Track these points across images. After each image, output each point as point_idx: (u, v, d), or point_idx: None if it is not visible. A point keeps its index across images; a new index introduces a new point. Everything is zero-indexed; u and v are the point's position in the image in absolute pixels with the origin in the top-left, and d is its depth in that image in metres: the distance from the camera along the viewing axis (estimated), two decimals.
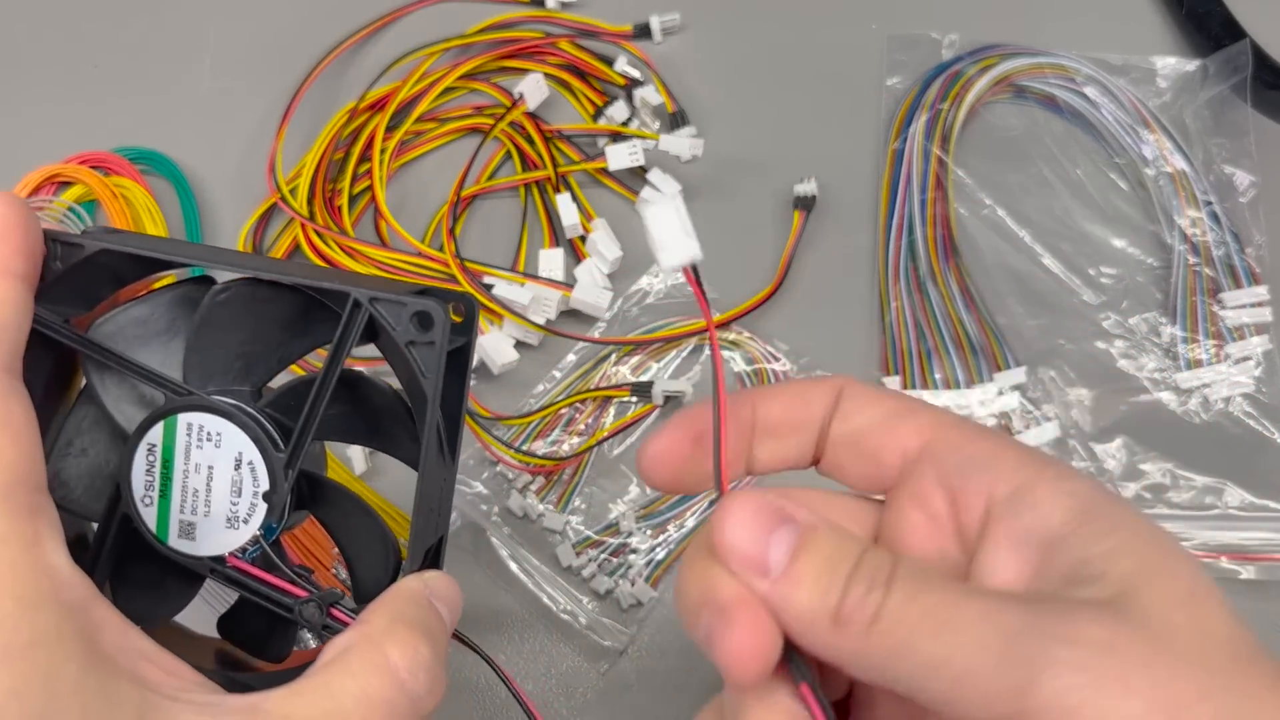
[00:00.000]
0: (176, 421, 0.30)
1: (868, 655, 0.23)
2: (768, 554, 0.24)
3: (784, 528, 0.24)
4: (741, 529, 0.24)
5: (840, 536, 0.24)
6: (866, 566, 0.23)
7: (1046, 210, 0.57)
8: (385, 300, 0.30)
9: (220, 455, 0.30)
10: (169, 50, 0.62)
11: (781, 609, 0.24)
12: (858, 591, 0.23)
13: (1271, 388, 0.52)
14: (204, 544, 0.30)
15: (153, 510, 0.30)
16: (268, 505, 0.30)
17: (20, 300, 0.27)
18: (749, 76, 0.61)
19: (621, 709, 0.46)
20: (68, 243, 0.30)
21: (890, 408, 0.28)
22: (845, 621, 0.23)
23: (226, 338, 0.31)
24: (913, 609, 0.22)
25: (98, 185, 0.55)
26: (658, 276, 0.54)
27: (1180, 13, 0.62)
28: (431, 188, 0.57)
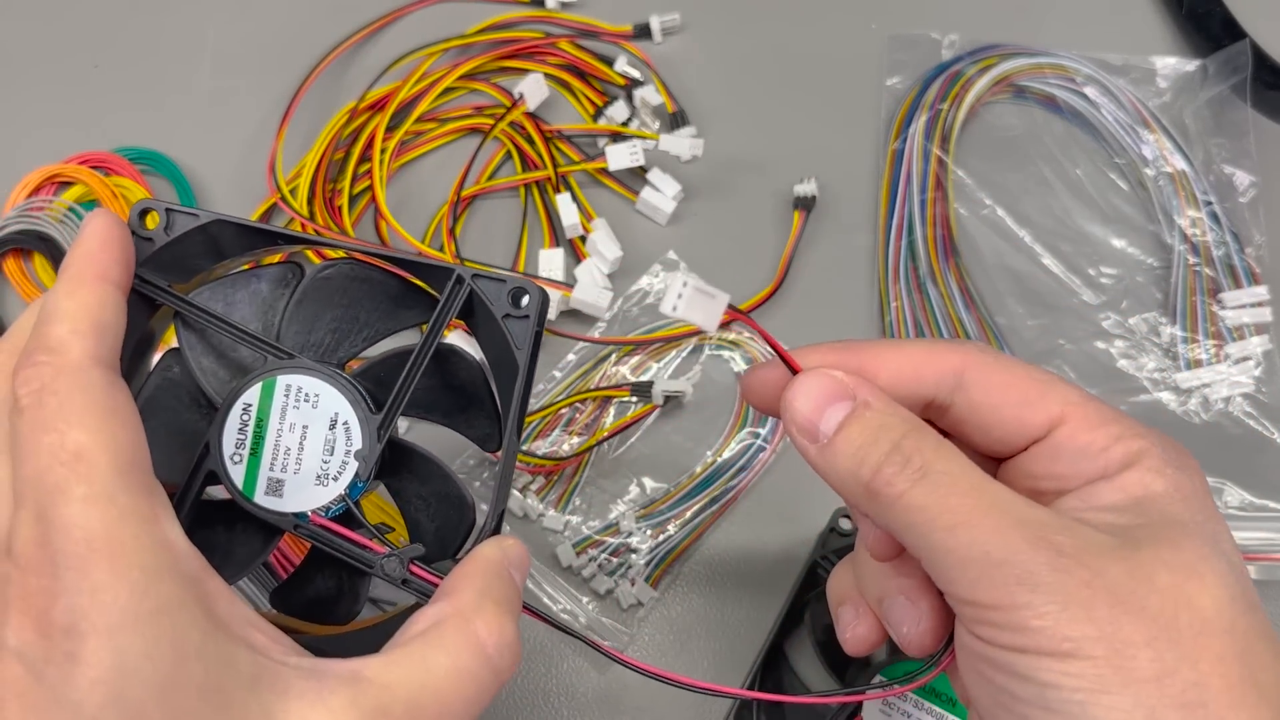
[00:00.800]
0: (276, 383, 0.31)
1: (889, 521, 0.28)
2: (819, 423, 0.28)
3: (840, 402, 0.28)
4: (803, 399, 0.29)
5: (889, 416, 0.28)
6: (905, 449, 0.27)
7: (1046, 210, 0.57)
8: (485, 277, 0.32)
9: (316, 415, 0.31)
10: (169, 50, 0.62)
11: (824, 472, 0.29)
12: (889, 471, 0.27)
13: (1271, 388, 0.52)
14: (290, 500, 0.31)
15: (241, 468, 0.31)
16: (359, 463, 0.31)
17: (119, 305, 0.29)
18: (749, 76, 0.62)
19: (621, 709, 0.46)
20: (183, 212, 0.32)
21: (1020, 393, 0.29)
22: (874, 494, 0.27)
23: (323, 312, 0.33)
24: (933, 502, 0.27)
25: (98, 185, 0.55)
26: (658, 276, 0.54)
27: (1180, 13, 0.62)
28: (431, 188, 0.57)
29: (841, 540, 0.45)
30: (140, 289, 0.31)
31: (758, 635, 0.46)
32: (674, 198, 0.56)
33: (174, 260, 0.32)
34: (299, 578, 0.34)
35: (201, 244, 0.33)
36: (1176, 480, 0.28)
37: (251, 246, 0.34)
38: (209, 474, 0.32)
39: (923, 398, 0.30)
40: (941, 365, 0.30)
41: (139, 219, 0.32)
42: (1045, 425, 0.29)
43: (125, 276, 0.30)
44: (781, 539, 0.49)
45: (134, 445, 0.27)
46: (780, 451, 0.50)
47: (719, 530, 0.49)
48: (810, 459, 0.29)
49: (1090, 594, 0.25)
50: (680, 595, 0.48)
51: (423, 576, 0.30)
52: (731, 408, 0.51)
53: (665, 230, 0.56)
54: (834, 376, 0.29)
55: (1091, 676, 0.24)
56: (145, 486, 0.26)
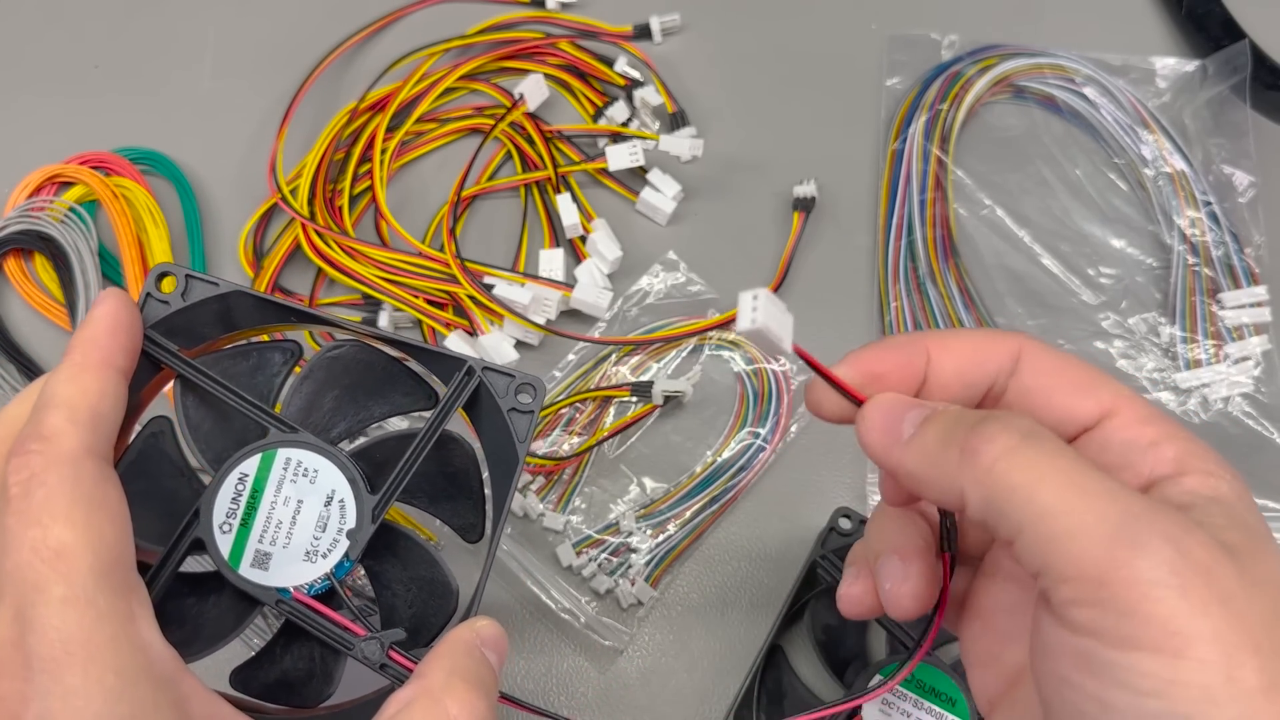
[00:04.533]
0: (276, 455, 0.31)
1: (990, 489, 0.25)
2: (901, 426, 0.28)
3: (917, 409, 0.28)
4: (878, 414, 0.28)
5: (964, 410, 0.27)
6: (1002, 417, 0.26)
7: (1046, 210, 0.57)
8: (495, 370, 0.33)
9: (313, 491, 0.31)
10: (169, 50, 0.62)
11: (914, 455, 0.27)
12: (987, 428, 0.25)
13: (1270, 388, 0.52)
14: (275, 575, 0.31)
15: (229, 538, 0.31)
16: (350, 542, 0.31)
17: (120, 394, 0.29)
18: (749, 77, 0.62)
19: (621, 709, 0.46)
20: (201, 280, 0.32)
21: (1072, 379, 0.29)
22: (972, 450, 0.25)
23: (326, 390, 0.34)
24: (1046, 460, 0.24)
25: (98, 185, 0.55)
26: (658, 277, 0.54)
27: (1180, 13, 0.62)
28: (432, 188, 0.57)
29: (841, 540, 0.45)
30: (149, 351, 0.31)
31: (758, 635, 0.46)
32: (674, 198, 0.56)
33: (185, 326, 0.33)
34: (266, 656, 0.33)
35: (215, 312, 0.33)
36: (1237, 489, 0.26)
37: (265, 321, 0.34)
38: (195, 541, 0.31)
39: (985, 382, 0.30)
40: (1001, 350, 0.29)
41: (156, 282, 0.32)
42: (1095, 414, 0.28)
43: (130, 361, 0.30)
44: (781, 539, 0.49)
45: (118, 542, 0.27)
46: (780, 451, 0.51)
47: (719, 530, 0.49)
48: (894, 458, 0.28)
49: (1208, 584, 0.22)
50: (680, 595, 0.48)
51: (400, 662, 0.30)
52: (731, 408, 0.51)
53: (665, 230, 0.57)
54: (907, 397, 0.29)
55: (1199, 686, 0.22)
56: (126, 585, 0.26)
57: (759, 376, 0.52)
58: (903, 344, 0.30)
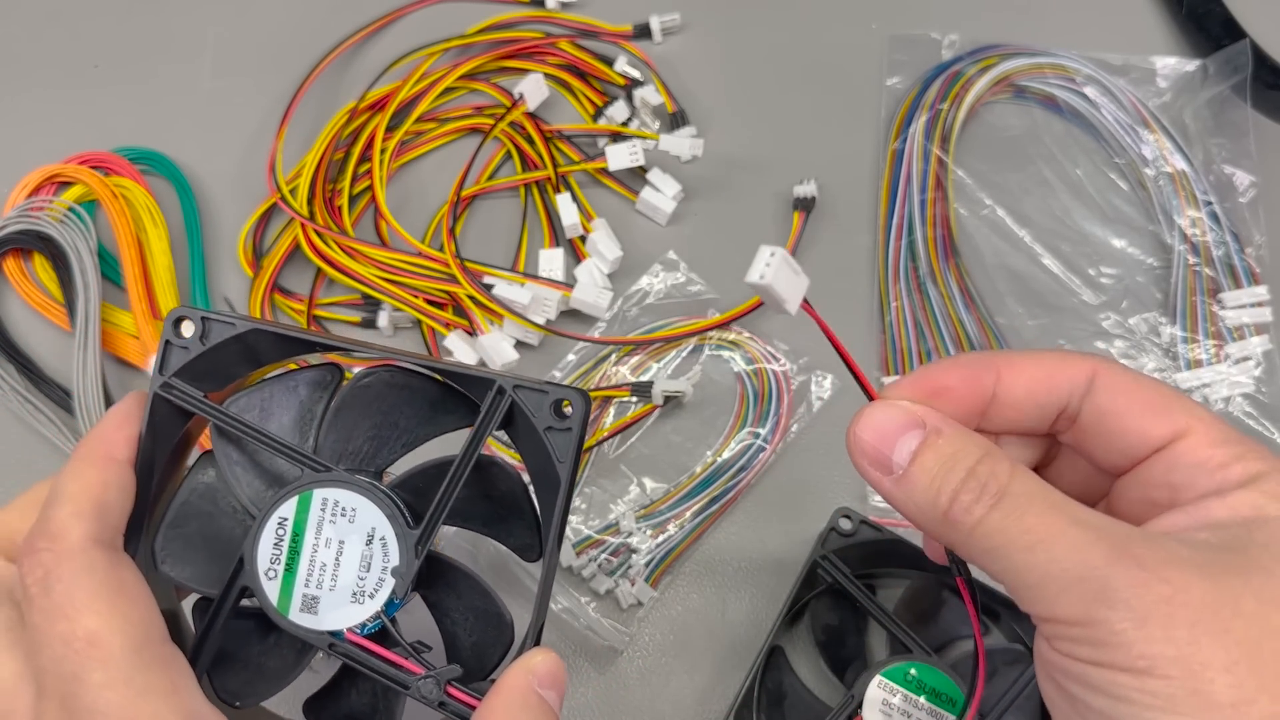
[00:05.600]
0: (312, 496, 0.31)
1: (969, 551, 0.27)
2: (892, 455, 0.28)
3: (911, 432, 0.28)
4: (871, 431, 0.28)
5: (962, 442, 0.28)
6: (980, 475, 0.27)
7: (1046, 210, 0.57)
8: (528, 388, 0.31)
9: (353, 530, 0.31)
10: (169, 50, 0.62)
11: (900, 504, 0.28)
12: (966, 499, 0.27)
13: (1271, 387, 0.52)
14: (326, 618, 0.30)
15: (276, 584, 0.30)
16: (396, 580, 0.30)
17: (124, 484, 0.30)
18: (749, 76, 0.61)
19: (621, 709, 0.46)
20: (218, 320, 0.31)
21: (1147, 400, 0.29)
22: (952, 523, 0.27)
23: (362, 420, 0.32)
24: (1011, 525, 0.26)
25: (98, 185, 0.55)
26: (658, 276, 0.54)
27: (1180, 13, 0.62)
28: (431, 188, 0.57)
29: (841, 540, 0.45)
30: (173, 399, 0.31)
31: (758, 635, 0.46)
32: (674, 198, 0.56)
33: (210, 368, 0.32)
34: (334, 690, 0.33)
35: (238, 352, 0.32)
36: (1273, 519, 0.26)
37: (287, 354, 0.33)
38: (243, 589, 0.31)
39: (1057, 404, 0.30)
40: (1075, 371, 0.29)
41: (174, 328, 0.32)
42: (1169, 435, 0.28)
43: (132, 452, 0.31)
44: (781, 539, 0.49)
45: (146, 621, 0.27)
46: (780, 451, 0.50)
47: (719, 530, 0.49)
48: (884, 491, 0.28)
49: (1169, 611, 0.24)
50: (680, 595, 0.48)
51: (459, 699, 0.29)
52: (732, 408, 0.51)
53: (665, 230, 0.56)
54: (901, 406, 0.29)
55: (1165, 696, 0.24)
56: (161, 659, 0.27)
57: (759, 376, 0.52)
58: (971, 361, 0.30)
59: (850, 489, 0.50)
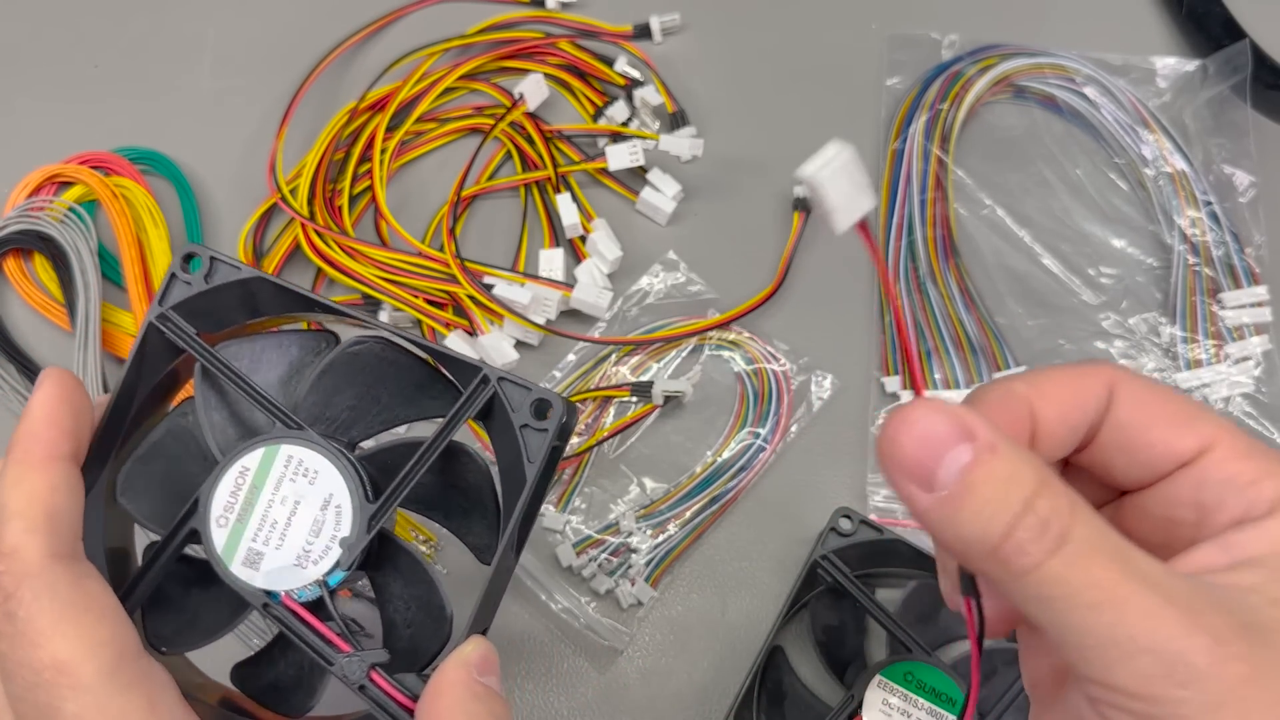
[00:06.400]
0: (278, 451, 0.30)
1: (1018, 592, 0.23)
2: (938, 470, 0.23)
3: (960, 445, 0.23)
4: (915, 439, 0.23)
5: (1020, 464, 0.23)
6: (1040, 511, 0.22)
7: (1046, 210, 0.57)
8: (512, 382, 0.31)
9: (311, 492, 0.30)
10: (169, 50, 0.62)
11: (941, 529, 0.23)
12: (1022, 536, 0.22)
13: (1271, 388, 0.52)
14: (265, 577, 0.30)
15: (224, 532, 0.30)
16: (342, 550, 0.30)
17: (71, 484, 0.28)
18: (749, 76, 0.61)
19: (621, 709, 0.46)
20: (225, 262, 0.31)
21: (1170, 413, 0.27)
22: (1003, 559, 0.23)
23: (345, 388, 0.32)
24: (1075, 575, 0.22)
25: (98, 185, 0.55)
26: (658, 276, 0.54)
27: (1180, 13, 0.62)
28: (432, 188, 0.57)
29: (841, 540, 0.45)
30: (168, 332, 0.31)
31: (758, 635, 0.46)
32: (674, 198, 0.56)
33: (208, 308, 0.32)
34: (264, 657, 0.33)
35: (238, 297, 0.32)
36: None
37: (286, 309, 0.33)
38: (192, 532, 0.30)
39: (1086, 423, 0.27)
40: (1095, 384, 0.27)
41: (182, 263, 0.32)
42: (1195, 448, 0.26)
43: (75, 445, 0.29)
44: (781, 539, 0.49)
45: (115, 638, 0.26)
46: (780, 451, 0.50)
47: (719, 530, 0.49)
48: (920, 509, 0.23)
49: (1244, 695, 0.21)
50: (680, 595, 0.48)
51: (381, 686, 0.29)
52: (732, 408, 0.51)
53: (665, 230, 0.56)
54: (949, 411, 0.23)
55: None
56: (136, 678, 0.26)
57: (759, 376, 0.52)
58: (1001, 399, 0.26)
59: (850, 489, 0.50)
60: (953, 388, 0.51)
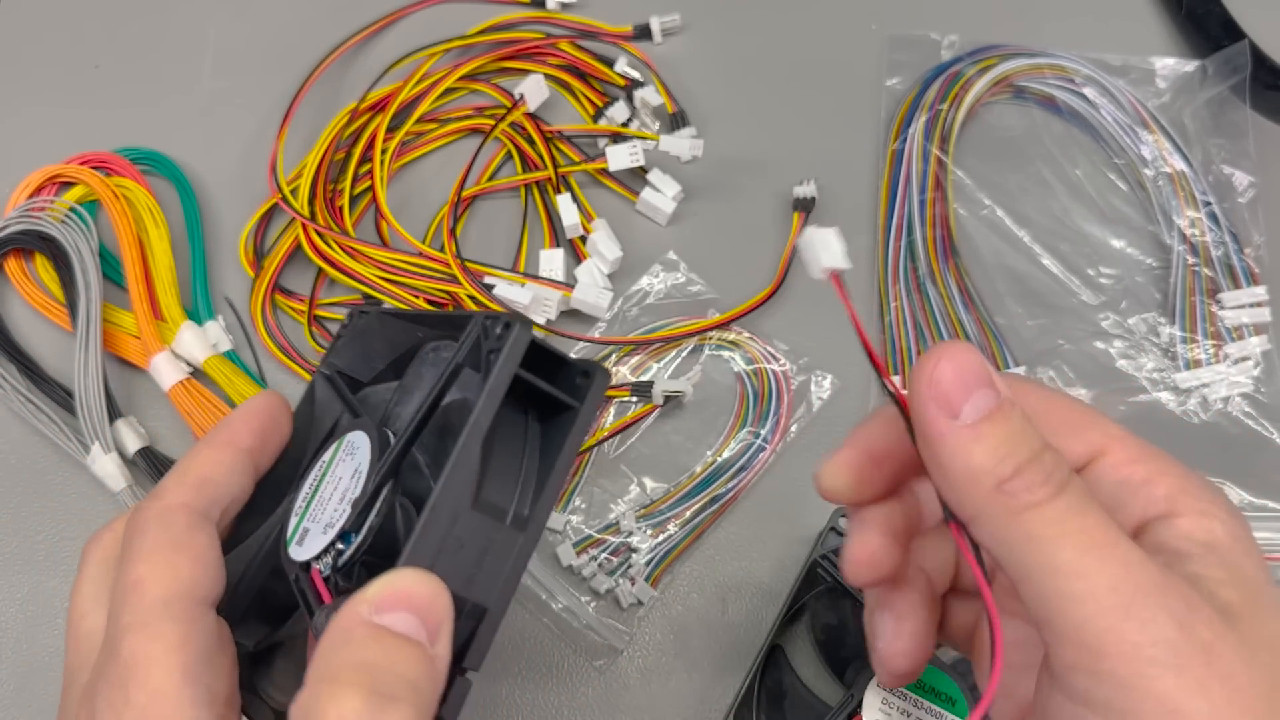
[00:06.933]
0: (345, 440, 0.32)
1: (1009, 530, 0.24)
2: (964, 402, 0.25)
3: (989, 389, 0.25)
4: (955, 370, 0.25)
5: (1029, 425, 0.25)
6: (1047, 461, 0.25)
7: (1045, 210, 0.57)
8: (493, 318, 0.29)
9: (351, 465, 0.31)
10: (169, 50, 0.62)
11: (954, 455, 0.25)
12: (1031, 475, 0.24)
13: (1270, 388, 0.52)
14: (306, 550, 0.30)
15: (295, 520, 0.31)
16: (351, 511, 0.28)
17: (234, 465, 0.32)
18: (749, 76, 0.62)
19: (621, 709, 0.46)
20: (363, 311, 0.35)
21: (1060, 420, 0.28)
22: (1008, 493, 0.24)
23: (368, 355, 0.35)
24: (1073, 518, 0.24)
25: (99, 185, 0.55)
26: (658, 277, 0.54)
27: (1179, 13, 0.63)
28: (432, 188, 0.57)
29: (841, 539, 0.45)
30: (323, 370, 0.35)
31: (758, 635, 0.46)
32: (674, 198, 0.56)
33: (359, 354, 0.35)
34: None
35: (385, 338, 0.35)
36: (1232, 528, 0.26)
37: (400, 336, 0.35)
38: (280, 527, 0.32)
39: None
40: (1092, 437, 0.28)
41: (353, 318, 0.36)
42: (1085, 454, 0.28)
43: (256, 443, 0.33)
44: (781, 539, 0.49)
45: (191, 579, 0.28)
46: (780, 451, 0.51)
47: (719, 530, 0.49)
48: (936, 433, 0.25)
49: (1207, 662, 0.22)
50: (680, 595, 0.48)
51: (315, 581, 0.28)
52: (731, 408, 0.52)
53: (665, 230, 0.57)
54: (982, 360, 0.26)
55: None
56: (187, 614, 0.28)
57: (759, 376, 0.52)
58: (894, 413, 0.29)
59: None
60: None
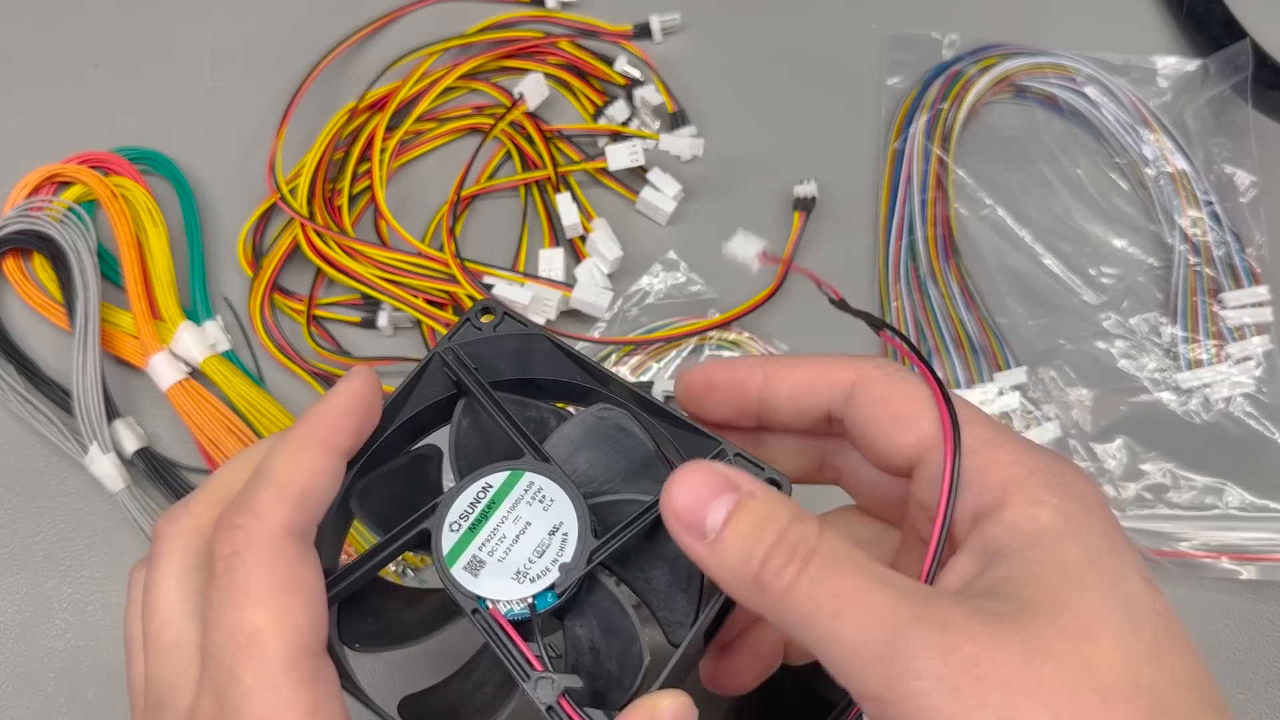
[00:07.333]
0: (522, 476, 0.32)
1: (780, 616, 0.25)
2: (705, 518, 0.27)
3: (725, 495, 0.27)
4: (684, 495, 0.27)
5: (773, 504, 0.26)
6: (790, 538, 0.25)
7: (1047, 210, 0.57)
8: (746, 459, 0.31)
9: (543, 518, 0.31)
10: (169, 50, 0.62)
11: (714, 570, 0.27)
12: (776, 562, 0.25)
13: (1272, 388, 0.52)
14: (481, 584, 0.31)
15: (454, 537, 0.31)
16: (560, 573, 0.30)
17: (336, 473, 0.30)
18: (749, 76, 0.61)
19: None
20: (516, 318, 0.35)
21: (895, 412, 0.29)
22: (763, 588, 0.25)
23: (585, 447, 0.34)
24: (820, 589, 0.25)
25: (98, 185, 0.55)
26: (658, 276, 0.54)
27: (1181, 12, 0.62)
28: (431, 188, 0.57)
29: None
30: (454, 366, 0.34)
31: None
32: (674, 198, 0.56)
33: (484, 354, 0.34)
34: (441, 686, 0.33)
35: (513, 351, 0.35)
36: (1066, 511, 0.26)
37: (555, 369, 0.35)
38: (422, 533, 0.32)
39: (819, 410, 0.31)
40: (834, 379, 0.30)
41: (479, 314, 0.35)
42: (916, 445, 0.28)
43: (353, 442, 0.30)
44: None
45: (307, 626, 0.27)
46: None
47: None
48: (698, 557, 0.27)
49: (980, 674, 0.23)
50: None
51: (568, 712, 0.28)
52: None
53: (665, 230, 0.56)
54: (714, 469, 0.27)
55: None
56: (311, 674, 0.27)
57: None
58: (741, 363, 0.32)
59: None
60: (953, 388, 0.51)
